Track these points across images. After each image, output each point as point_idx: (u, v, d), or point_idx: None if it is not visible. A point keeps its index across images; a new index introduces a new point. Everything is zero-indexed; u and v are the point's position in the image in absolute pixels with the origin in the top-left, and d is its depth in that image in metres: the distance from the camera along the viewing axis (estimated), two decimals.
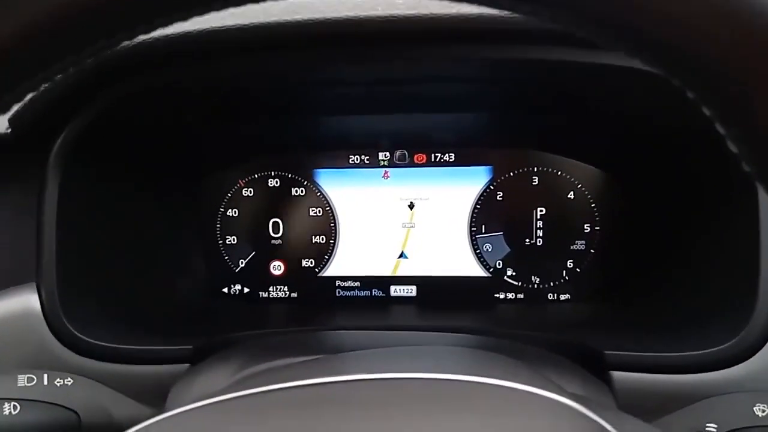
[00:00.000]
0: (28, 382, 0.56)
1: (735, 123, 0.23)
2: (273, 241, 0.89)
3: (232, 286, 0.90)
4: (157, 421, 0.40)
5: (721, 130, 0.24)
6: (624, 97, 0.69)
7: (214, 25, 0.53)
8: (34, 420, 0.55)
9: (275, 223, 0.89)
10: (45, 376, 0.57)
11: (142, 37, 0.24)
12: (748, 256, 0.57)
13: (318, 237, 0.89)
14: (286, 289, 0.90)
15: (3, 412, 0.54)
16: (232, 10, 0.28)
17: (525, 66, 0.58)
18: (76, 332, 0.62)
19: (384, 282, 0.89)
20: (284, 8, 0.51)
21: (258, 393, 0.41)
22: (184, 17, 0.24)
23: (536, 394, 0.37)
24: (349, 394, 0.40)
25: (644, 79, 0.48)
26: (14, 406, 0.54)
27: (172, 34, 0.55)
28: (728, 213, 0.62)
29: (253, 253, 0.90)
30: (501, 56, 0.55)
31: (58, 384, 0.57)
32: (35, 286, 0.64)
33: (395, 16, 0.50)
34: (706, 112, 0.24)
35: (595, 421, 0.37)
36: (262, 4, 0.25)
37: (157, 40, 0.55)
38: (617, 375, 0.58)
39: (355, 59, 0.57)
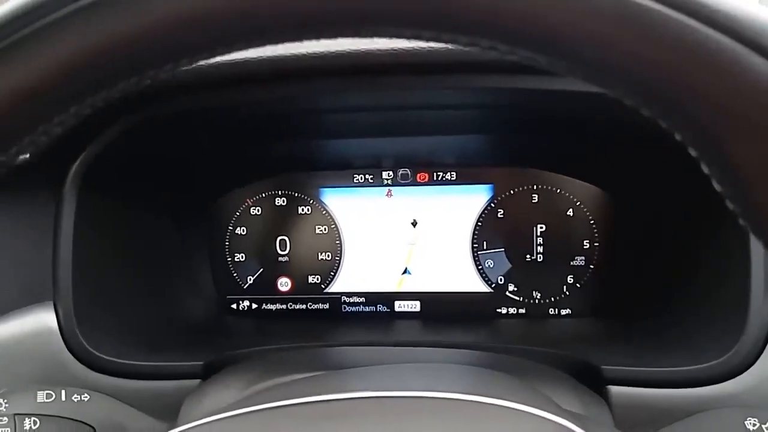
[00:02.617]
0: (47, 398, 0.58)
1: (718, 165, 0.25)
2: (280, 258, 0.92)
3: (241, 302, 0.93)
4: None
5: (704, 169, 0.26)
6: (622, 120, 0.71)
7: (225, 59, 0.56)
8: None
9: (282, 241, 0.91)
10: (63, 392, 0.59)
11: None
12: (740, 275, 0.59)
13: (324, 254, 0.91)
14: (292, 304, 0.92)
15: (24, 427, 0.56)
16: None
17: (522, 94, 0.61)
18: (91, 349, 0.65)
19: (388, 298, 0.91)
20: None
21: (266, 409, 0.43)
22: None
23: (533, 414, 0.39)
24: (355, 410, 0.42)
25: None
26: (34, 421, 0.56)
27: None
28: (721, 232, 0.64)
29: (261, 270, 0.92)
30: (498, 85, 0.58)
31: (75, 400, 0.59)
32: (52, 305, 0.66)
33: (395, 49, 0.53)
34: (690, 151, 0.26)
35: None
36: None
37: None
38: (614, 389, 0.60)
39: (356, 89, 0.60)
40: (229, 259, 0.92)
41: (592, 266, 0.88)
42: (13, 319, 0.65)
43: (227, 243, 0.92)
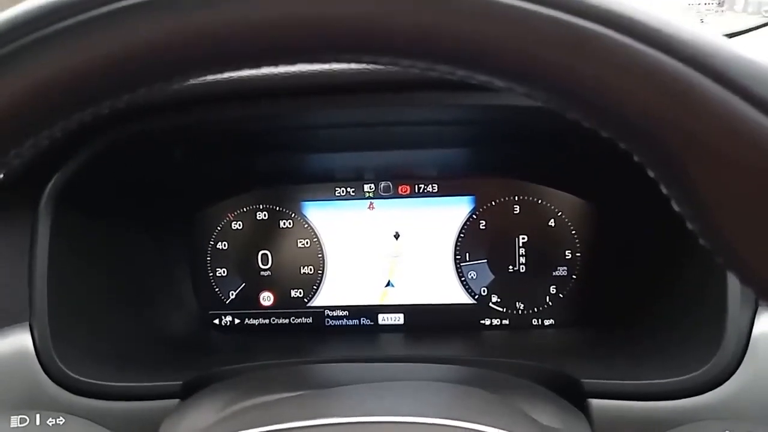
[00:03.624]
0: (20, 423, 0.57)
1: (677, 188, 0.25)
2: (262, 273, 0.91)
3: (223, 317, 0.92)
4: None
5: (663, 191, 0.26)
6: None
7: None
8: None
9: (264, 255, 0.91)
10: (37, 416, 0.58)
11: None
12: (717, 287, 0.60)
13: (306, 268, 0.91)
14: (275, 319, 0.92)
15: None
16: None
17: (501, 110, 0.61)
18: (67, 371, 0.64)
19: (372, 311, 0.91)
20: None
21: None
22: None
23: None
24: None
25: None
26: None
27: None
28: (700, 244, 0.65)
29: (243, 284, 0.91)
30: (477, 102, 0.58)
31: (50, 424, 0.58)
32: (28, 326, 0.65)
33: (371, 68, 0.53)
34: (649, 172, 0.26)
35: None
36: None
37: None
38: (594, 402, 0.60)
39: (333, 106, 0.59)
40: (211, 274, 0.91)
41: (574, 276, 0.88)
42: None
43: (209, 258, 0.91)
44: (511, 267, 0.89)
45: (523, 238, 0.89)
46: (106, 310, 0.73)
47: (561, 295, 0.88)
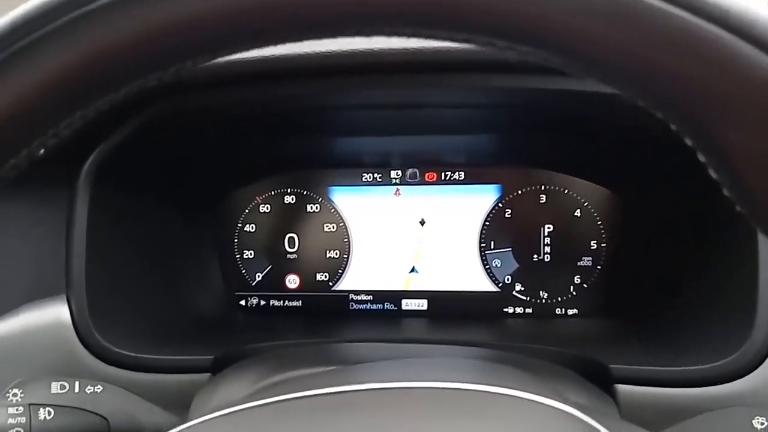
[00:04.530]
0: (60, 389, 0.59)
1: (711, 152, 0.25)
2: (288, 256, 0.92)
3: (250, 298, 0.93)
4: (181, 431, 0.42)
5: (701, 158, 0.26)
6: (630, 121, 0.71)
7: (236, 57, 0.56)
8: (67, 425, 0.58)
9: (291, 238, 0.92)
10: (77, 383, 0.60)
11: None
12: (748, 274, 0.59)
13: (332, 252, 0.92)
14: (300, 302, 0.93)
15: (39, 417, 0.57)
16: None
17: (533, 94, 0.61)
18: (104, 342, 0.65)
19: (396, 296, 0.92)
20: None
21: (277, 402, 0.43)
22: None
23: (542, 403, 0.40)
24: (366, 402, 0.43)
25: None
26: (49, 411, 0.57)
27: None
28: (729, 232, 0.65)
29: (270, 267, 0.93)
30: (509, 85, 0.59)
31: (89, 391, 0.60)
32: (65, 299, 0.67)
33: (409, 48, 0.53)
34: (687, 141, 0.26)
35: (599, 430, 0.39)
36: None
37: None
38: (622, 388, 0.61)
39: (368, 87, 0.60)
40: (238, 256, 0.93)
41: (599, 267, 0.88)
42: (28, 311, 0.66)
43: (236, 240, 0.93)
44: (535, 256, 0.89)
45: (549, 228, 0.89)
46: (139, 286, 0.75)
47: (585, 285, 0.88)
